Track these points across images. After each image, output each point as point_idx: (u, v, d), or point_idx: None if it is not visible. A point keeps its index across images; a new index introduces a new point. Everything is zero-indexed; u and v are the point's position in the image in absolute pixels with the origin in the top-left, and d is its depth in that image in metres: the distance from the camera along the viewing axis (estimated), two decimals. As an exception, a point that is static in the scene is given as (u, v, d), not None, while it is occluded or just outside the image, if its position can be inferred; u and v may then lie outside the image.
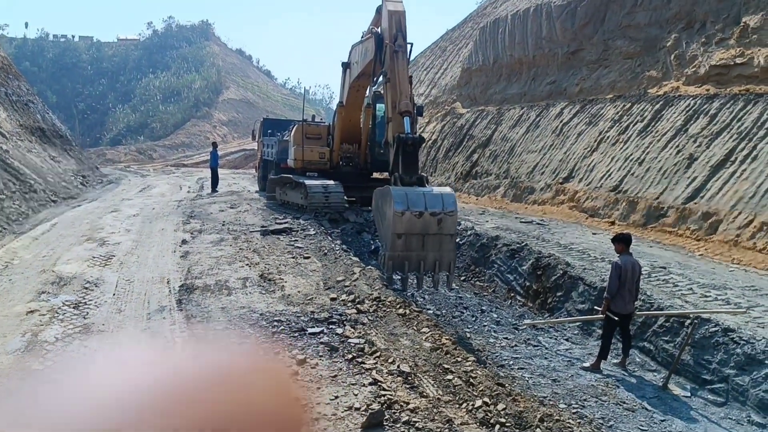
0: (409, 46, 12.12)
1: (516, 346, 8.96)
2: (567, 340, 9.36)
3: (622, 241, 8.10)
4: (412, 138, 10.57)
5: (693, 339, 7.68)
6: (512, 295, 11.76)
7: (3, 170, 17.64)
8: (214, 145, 30.26)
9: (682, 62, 18.30)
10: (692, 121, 16.54)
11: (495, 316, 10.52)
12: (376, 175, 19.98)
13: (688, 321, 7.89)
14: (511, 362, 8.16)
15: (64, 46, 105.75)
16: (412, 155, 10.64)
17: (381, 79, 13.15)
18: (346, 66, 17.07)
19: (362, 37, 15.61)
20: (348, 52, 16.91)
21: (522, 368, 7.99)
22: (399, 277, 10.15)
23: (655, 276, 10.25)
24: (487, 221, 16.92)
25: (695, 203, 14.75)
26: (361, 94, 17.48)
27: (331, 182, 17.06)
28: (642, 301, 8.80)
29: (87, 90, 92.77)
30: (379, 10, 13.89)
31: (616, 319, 7.82)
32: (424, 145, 24.84)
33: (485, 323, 10.04)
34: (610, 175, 18.19)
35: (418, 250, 9.60)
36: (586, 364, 8.10)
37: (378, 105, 17.80)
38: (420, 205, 9.42)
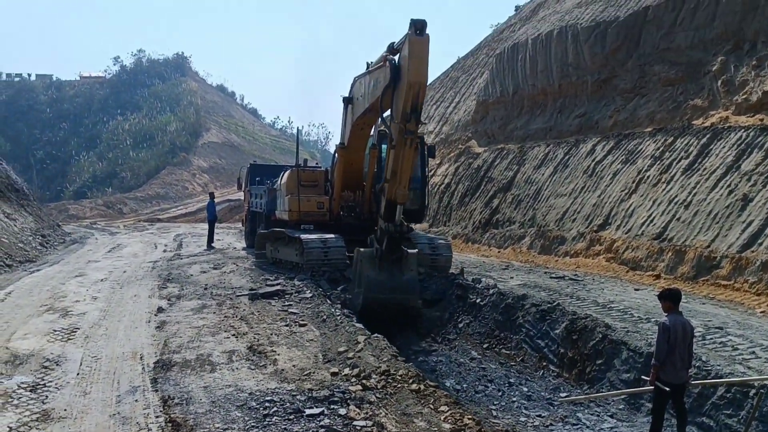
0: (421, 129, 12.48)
1: (551, 425, 8.85)
2: (611, 416, 9.23)
3: (669, 299, 8.01)
4: (399, 231, 12.73)
5: (760, 411, 7.58)
6: (544, 364, 11.64)
7: (-50, 231, 17.80)
8: (212, 195, 30.99)
9: (731, 89, 18.49)
10: (745, 156, 16.62)
11: (525, 389, 10.41)
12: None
13: (753, 390, 7.79)
14: (546, 445, 8.05)
15: (18, 86, 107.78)
16: (397, 242, 13.02)
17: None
18: (347, 101, 16.96)
19: (367, 68, 15.69)
20: (350, 86, 16.97)
21: (559, 452, 7.88)
22: None
23: (711, 338, 10.17)
24: (512, 278, 16.89)
25: (753, 251, 14.71)
26: (366, 133, 17.42)
27: (331, 236, 17.07)
28: (697, 369, 8.71)
29: (46, 136, 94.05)
30: (392, 49, 13.62)
31: (667, 390, 7.71)
32: (435, 190, 24.99)
33: (514, 398, 9.93)
34: (652, 221, 18.21)
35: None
36: None
37: (384, 146, 17.94)
38: (385, 292, 12.81)
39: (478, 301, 13.81)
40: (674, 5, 21.46)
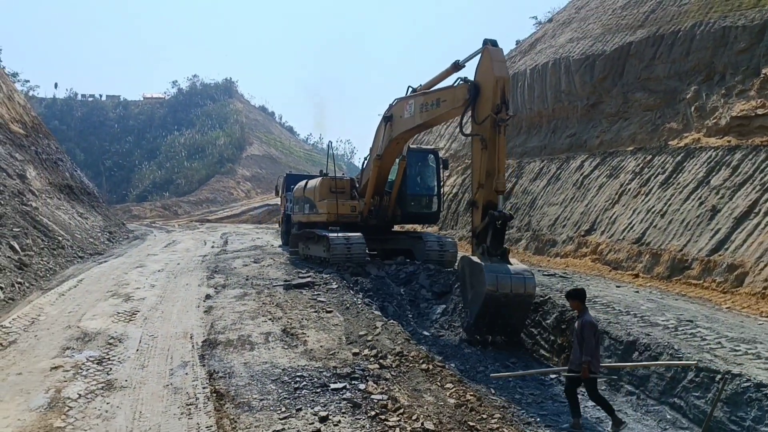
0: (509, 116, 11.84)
1: (542, 402, 8.78)
2: (594, 396, 9.14)
3: (577, 297, 7.82)
4: (503, 216, 11.26)
5: (725, 395, 7.47)
6: (537, 349, 11.58)
7: (32, 227, 17.99)
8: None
9: (703, 114, 18.34)
10: (714, 173, 16.47)
11: (520, 371, 10.34)
12: (395, 227, 20.05)
13: (719, 376, 7.69)
14: (538, 419, 7.97)
15: (91, 105, 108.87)
16: (501, 232, 11.47)
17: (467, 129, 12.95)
18: (387, 119, 16.90)
19: (410, 91, 16.08)
20: (388, 106, 16.86)
21: (549, 426, 7.81)
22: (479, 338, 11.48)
23: (682, 330, 10.06)
24: (510, 274, 16.78)
25: (720, 255, 14.56)
26: (401, 147, 17.55)
27: (355, 235, 17.11)
28: (670, 356, 8.62)
29: (114, 147, 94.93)
30: (457, 65, 14.11)
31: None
32: (445, 198, 24.97)
33: (510, 379, 9.87)
34: (632, 228, 18.07)
35: (497, 318, 10.99)
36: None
37: (412, 158, 18.43)
38: (507, 287, 10.56)
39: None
40: (654, 41, 21.32)
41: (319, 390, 7.38)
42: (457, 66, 14.22)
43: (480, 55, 12.36)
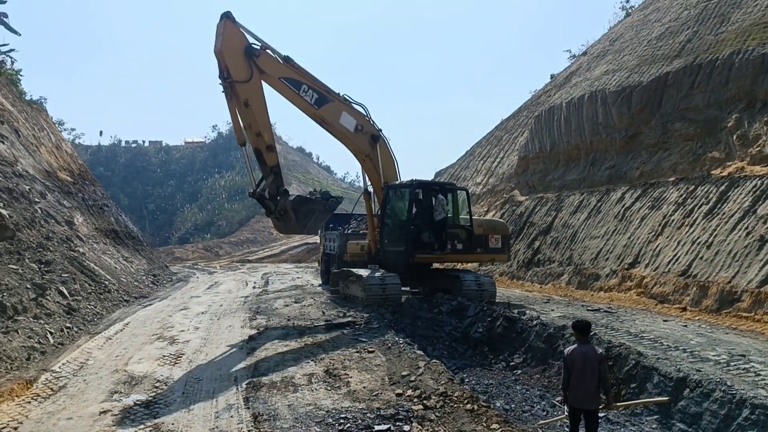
0: None
1: (591, 442, 8.58)
2: (645, 435, 8.91)
3: (576, 329, 7.54)
4: None
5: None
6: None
7: (80, 272, 18.46)
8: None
9: (746, 142, 18.05)
10: (761, 201, 16.11)
11: (568, 410, 10.13)
12: (436, 265, 19.93)
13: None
14: (587, 460, 7.79)
15: (135, 151, 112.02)
16: None
17: None
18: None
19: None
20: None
21: (599, 466, 7.63)
22: None
23: (734, 365, 9.78)
24: (553, 310, 16.59)
25: (772, 286, 14.15)
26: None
27: (390, 275, 17.13)
28: (722, 392, 8.38)
29: (156, 191, 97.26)
30: None
31: (566, 411, 7.56)
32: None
33: (558, 417, 9.68)
34: (677, 260, 17.71)
35: None
36: None
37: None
38: None
39: (523, 335, 13.61)
40: (691, 71, 21.17)
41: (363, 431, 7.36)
42: None
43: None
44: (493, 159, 39.42)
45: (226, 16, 15.47)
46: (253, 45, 16.08)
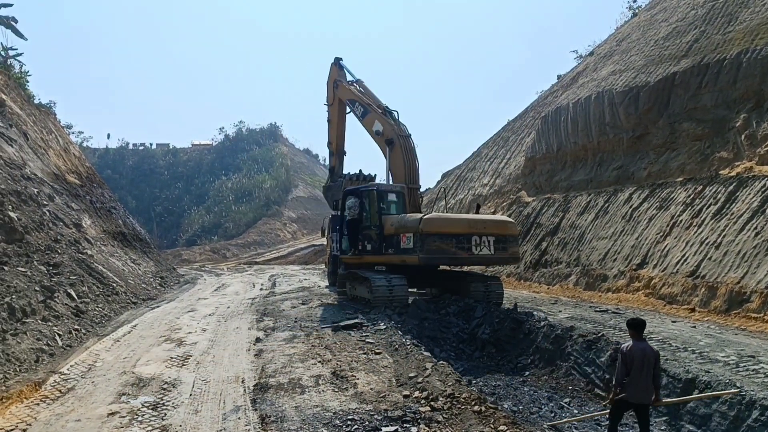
0: None
1: (599, 443, 8.56)
2: (654, 436, 8.86)
3: (631, 327, 7.73)
4: None
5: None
6: (591, 388, 11.31)
7: (88, 274, 18.52)
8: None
9: (754, 142, 17.95)
10: (770, 202, 16.03)
11: (576, 412, 10.12)
12: (442, 267, 19.86)
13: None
14: (595, 461, 7.77)
15: (142, 153, 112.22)
16: None
17: None
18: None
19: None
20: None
21: (607, 468, 7.60)
22: None
23: (744, 366, 9.72)
24: (561, 311, 16.54)
25: (781, 286, 14.07)
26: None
27: (396, 276, 17.10)
28: (732, 394, 8.33)
29: (164, 194, 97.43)
30: None
31: (621, 403, 7.63)
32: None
33: (565, 418, 9.66)
34: (686, 260, 17.63)
35: None
36: None
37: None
38: None
39: (531, 337, 13.57)
40: (699, 71, 21.09)
41: (370, 433, 7.34)
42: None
43: None
44: (500, 160, 39.37)
45: (335, 61, 23.69)
46: (337, 80, 23.35)
